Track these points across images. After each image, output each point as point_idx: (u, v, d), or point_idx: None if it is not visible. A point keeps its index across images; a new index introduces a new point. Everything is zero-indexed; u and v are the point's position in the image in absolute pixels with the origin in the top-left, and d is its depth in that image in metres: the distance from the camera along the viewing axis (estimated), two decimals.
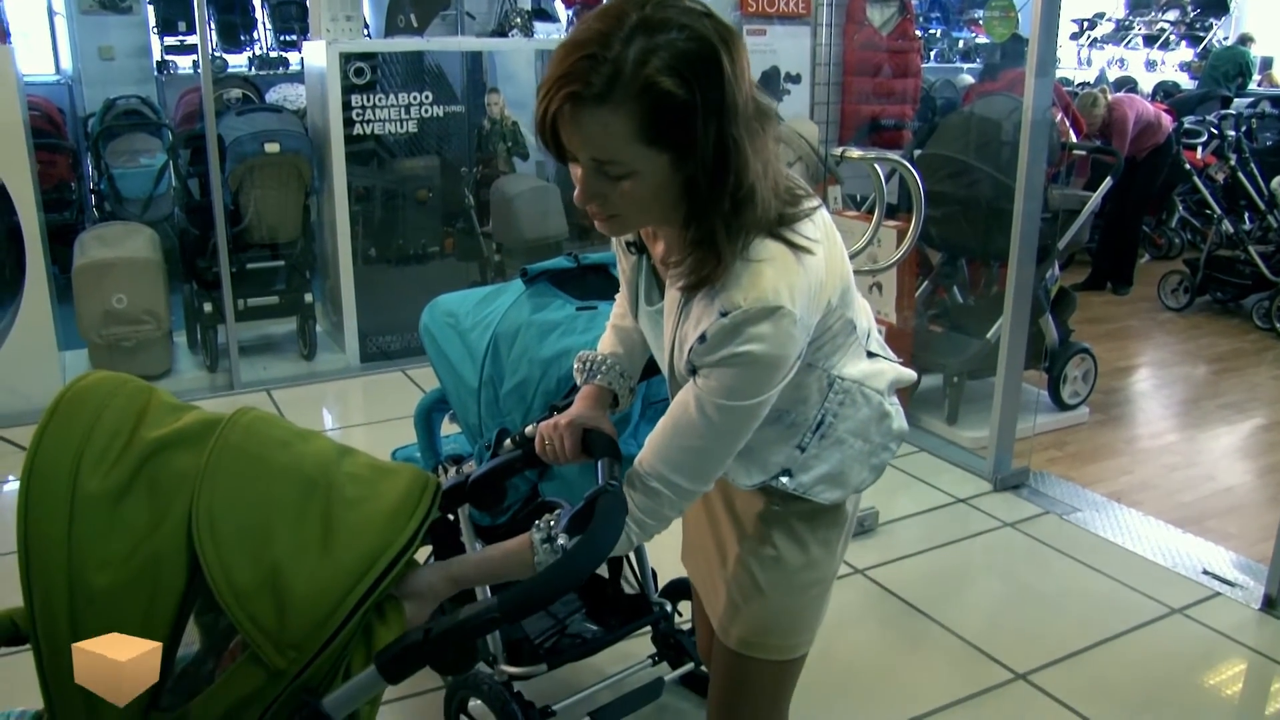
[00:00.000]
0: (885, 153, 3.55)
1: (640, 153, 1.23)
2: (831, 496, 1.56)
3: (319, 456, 1.33)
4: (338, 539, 1.25)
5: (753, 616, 1.62)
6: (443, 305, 2.33)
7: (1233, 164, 6.51)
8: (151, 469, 1.25)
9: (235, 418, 1.31)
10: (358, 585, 1.24)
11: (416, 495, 1.34)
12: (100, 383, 1.32)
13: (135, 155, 6.33)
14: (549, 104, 1.22)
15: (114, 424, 1.27)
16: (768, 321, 1.28)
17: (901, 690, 2.71)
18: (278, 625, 1.21)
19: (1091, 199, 4.59)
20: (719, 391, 1.33)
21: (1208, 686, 2.79)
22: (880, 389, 1.54)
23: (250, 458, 1.28)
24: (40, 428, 1.25)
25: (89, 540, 1.21)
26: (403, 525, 1.29)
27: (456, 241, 5.63)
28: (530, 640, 2.33)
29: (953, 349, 4.50)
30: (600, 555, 1.29)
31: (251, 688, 1.22)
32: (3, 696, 1.53)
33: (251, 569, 1.21)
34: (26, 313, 4.43)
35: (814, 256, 1.33)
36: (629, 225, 1.37)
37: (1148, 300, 6.61)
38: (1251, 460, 4.36)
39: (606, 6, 1.23)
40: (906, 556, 3.40)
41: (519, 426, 1.92)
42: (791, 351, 1.33)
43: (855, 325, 1.49)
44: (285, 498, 1.27)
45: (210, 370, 5.05)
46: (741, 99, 1.23)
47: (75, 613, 1.19)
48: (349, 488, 1.30)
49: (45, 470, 1.23)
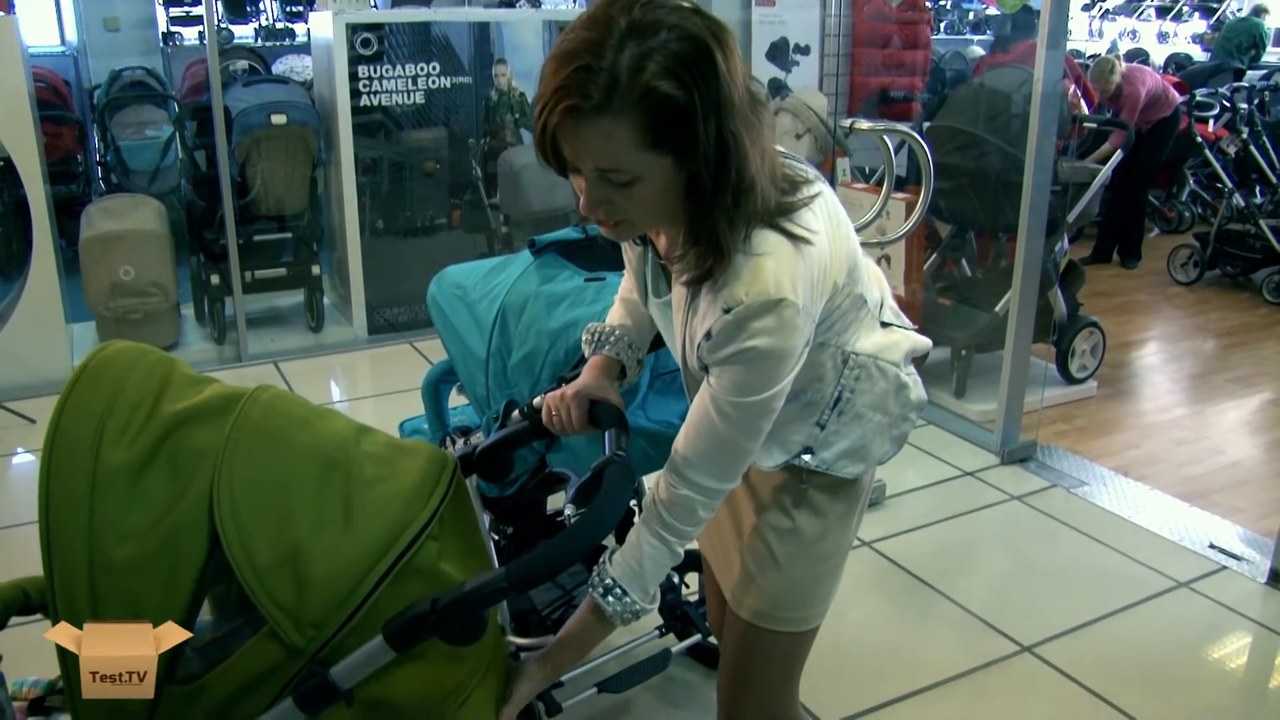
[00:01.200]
0: (894, 125, 3.53)
1: (644, 158, 1.23)
2: (854, 470, 1.57)
3: (338, 435, 1.33)
4: (358, 518, 1.25)
5: (768, 588, 1.62)
6: (450, 277, 2.32)
7: (1245, 137, 6.46)
8: (173, 443, 1.25)
9: (255, 395, 1.32)
10: (378, 564, 1.24)
11: (435, 474, 1.35)
12: (121, 353, 1.32)
13: (141, 127, 6.33)
14: (548, 118, 1.21)
15: (136, 396, 1.28)
16: (771, 315, 1.28)
17: (908, 662, 2.72)
18: (297, 604, 1.21)
19: (1101, 172, 4.57)
20: (731, 389, 1.33)
21: (1213, 660, 2.79)
22: (895, 360, 1.53)
23: (271, 435, 1.28)
24: (63, 398, 1.26)
25: (110, 512, 1.21)
26: (422, 505, 1.30)
27: (464, 213, 5.62)
28: (538, 611, 2.33)
29: (961, 322, 4.49)
30: (608, 525, 1.29)
31: (268, 664, 1.23)
32: (16, 665, 1.54)
33: (272, 548, 1.21)
34: (33, 285, 4.44)
35: (814, 246, 1.32)
36: (636, 229, 1.37)
37: (1157, 274, 6.58)
38: (1259, 434, 4.35)
39: (592, 12, 1.21)
40: (913, 529, 3.41)
41: (527, 398, 1.92)
42: (798, 342, 1.33)
43: (865, 299, 1.48)
44: (305, 477, 1.27)
45: (218, 342, 5.06)
46: (737, 93, 1.23)
47: (95, 584, 1.20)
48: (368, 467, 1.31)
49: (68, 440, 1.23)
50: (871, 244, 3.59)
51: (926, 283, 4.57)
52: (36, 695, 1.59)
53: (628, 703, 2.53)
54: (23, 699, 1.59)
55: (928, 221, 4.56)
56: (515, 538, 2.40)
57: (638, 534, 1.43)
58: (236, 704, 1.23)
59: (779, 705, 1.72)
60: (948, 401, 4.35)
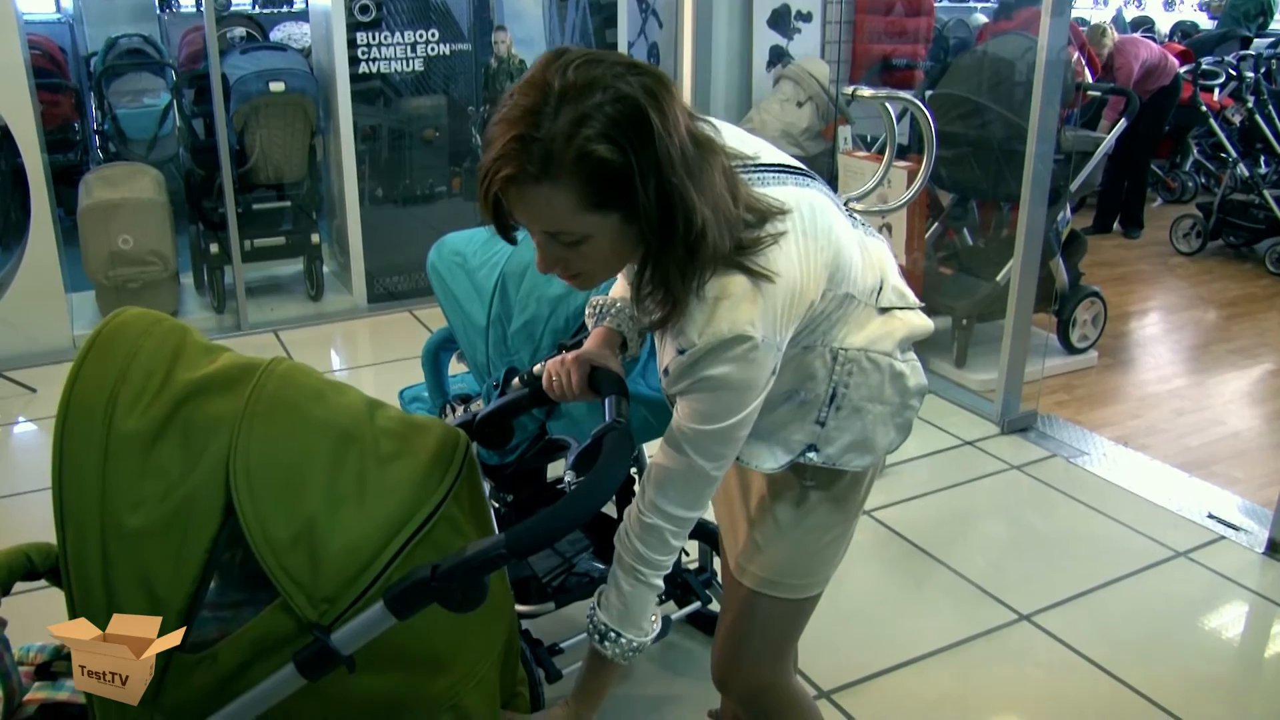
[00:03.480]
0: (896, 92, 3.50)
1: (588, 219, 1.23)
2: (862, 463, 1.57)
3: (352, 410, 1.34)
4: (373, 495, 1.26)
5: (773, 558, 1.63)
6: (450, 244, 2.32)
7: (1250, 106, 6.41)
8: (186, 412, 1.25)
9: (271, 366, 1.32)
10: (392, 541, 1.25)
11: (449, 453, 1.36)
12: (135, 320, 1.32)
13: (139, 95, 6.27)
14: (489, 187, 1.22)
15: (149, 364, 1.27)
16: (727, 353, 1.29)
17: (907, 630, 2.74)
18: (311, 579, 1.22)
19: (1105, 141, 4.54)
20: (691, 417, 1.35)
21: (1210, 629, 2.81)
22: (888, 350, 1.52)
23: (287, 408, 1.28)
24: (76, 365, 1.25)
25: (123, 480, 1.21)
26: (436, 483, 1.31)
27: (464, 181, 5.59)
28: (538, 579, 2.34)
29: (962, 291, 4.48)
30: (608, 491, 1.29)
31: (280, 635, 1.23)
32: (21, 631, 1.54)
33: (288, 522, 1.22)
34: (32, 255, 4.42)
35: (775, 285, 1.31)
36: (596, 279, 1.37)
37: (1159, 244, 6.56)
38: (1260, 405, 4.35)
39: (530, 76, 1.22)
40: (913, 498, 3.42)
41: (527, 365, 1.92)
42: (758, 374, 1.33)
43: (853, 296, 1.47)
44: (321, 451, 1.27)
45: (217, 311, 5.05)
46: (675, 148, 1.21)
47: (107, 551, 1.20)
48: (383, 443, 1.31)
49: (81, 407, 1.23)
50: (872, 212, 3.57)
51: (928, 252, 4.55)
52: (43, 660, 1.60)
53: (627, 669, 2.54)
54: (29, 664, 1.60)
55: (929, 190, 4.54)
56: (515, 505, 2.41)
57: (615, 576, 1.46)
58: (246, 673, 1.24)
59: (771, 672, 1.73)
60: (948, 371, 4.35)
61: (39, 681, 1.57)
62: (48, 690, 1.55)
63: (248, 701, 1.26)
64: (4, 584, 1.49)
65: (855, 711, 2.43)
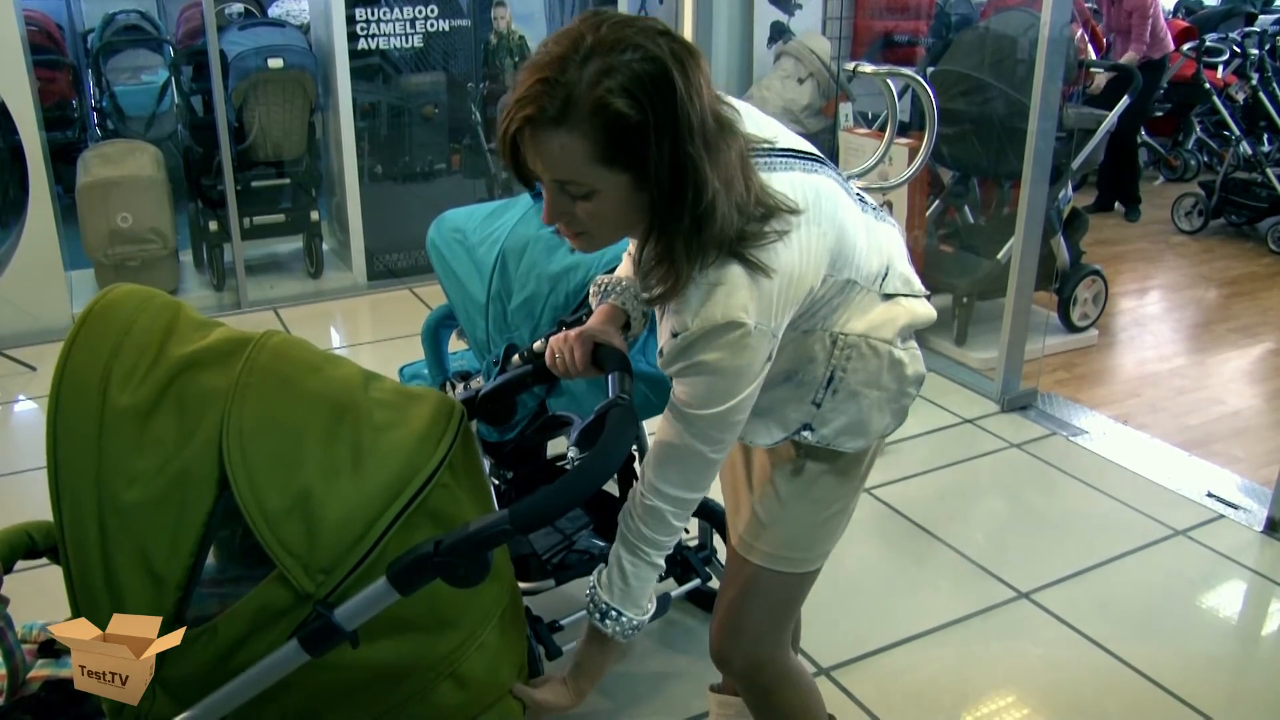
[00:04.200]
0: (898, 69, 3.48)
1: (599, 173, 1.24)
2: (856, 445, 1.58)
3: (346, 381, 1.34)
4: (367, 464, 1.26)
5: (774, 534, 1.64)
6: (450, 220, 2.31)
7: (1254, 83, 6.37)
8: (180, 386, 1.25)
9: (263, 339, 1.31)
10: (387, 510, 1.25)
11: (444, 421, 1.36)
12: (128, 296, 1.32)
13: (137, 72, 6.24)
14: (508, 126, 1.24)
15: (142, 339, 1.27)
16: (720, 338, 1.30)
17: (906, 608, 2.74)
18: (307, 549, 1.22)
19: (1107, 118, 4.52)
20: (688, 401, 1.36)
21: (1208, 607, 2.82)
22: (888, 338, 1.52)
23: (280, 380, 1.28)
24: (69, 341, 1.25)
25: (118, 454, 1.22)
26: (431, 451, 1.31)
27: (463, 158, 5.57)
28: (538, 556, 2.35)
29: (963, 269, 4.47)
30: (611, 468, 1.29)
31: (277, 608, 1.23)
32: (24, 609, 1.55)
33: (282, 493, 1.22)
34: (31, 232, 4.41)
35: (771, 281, 1.32)
36: (598, 242, 1.37)
37: (1161, 223, 6.54)
38: (1260, 384, 4.35)
39: (566, 29, 1.24)
40: (913, 476, 3.42)
41: (527, 342, 1.91)
42: (752, 360, 1.34)
43: (855, 281, 1.47)
44: (315, 422, 1.27)
45: (217, 289, 5.04)
46: (696, 116, 1.23)
47: (104, 526, 1.20)
48: (377, 413, 1.31)
49: (75, 384, 1.23)
50: (874, 188, 3.56)
51: (929, 229, 4.54)
52: (45, 639, 1.61)
53: (626, 647, 2.55)
54: (32, 642, 1.60)
55: (930, 167, 4.53)
56: (515, 482, 2.41)
57: (618, 554, 1.47)
58: (244, 646, 1.24)
59: (770, 647, 1.74)
60: (948, 349, 4.35)
61: (42, 659, 1.57)
62: (51, 667, 1.56)
63: (252, 676, 1.26)
64: (6, 562, 1.49)
65: (854, 688, 2.44)
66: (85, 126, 6.62)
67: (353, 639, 1.25)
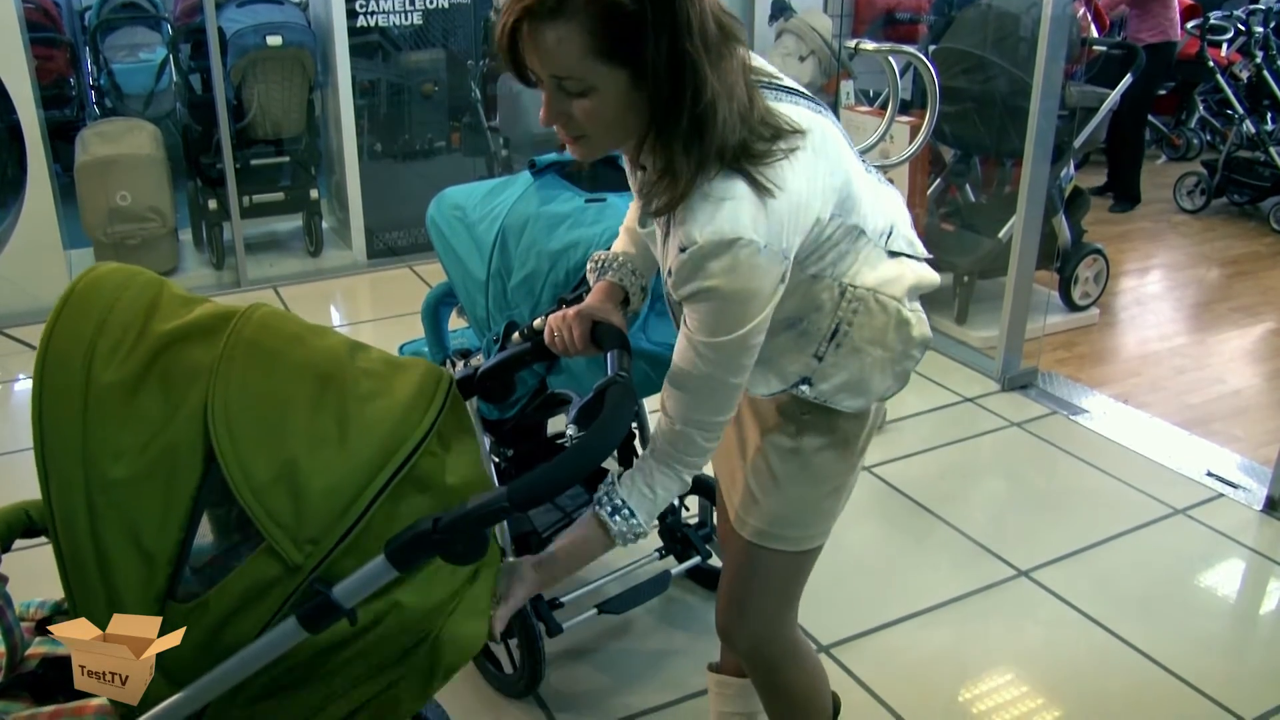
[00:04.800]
0: (900, 46, 3.47)
1: (596, 68, 1.24)
2: (854, 405, 1.56)
3: (332, 352, 1.32)
4: (353, 433, 1.25)
5: (769, 509, 1.63)
6: (450, 198, 2.30)
7: (1259, 61, 6.34)
8: (165, 361, 1.25)
9: (248, 312, 1.30)
10: (375, 479, 1.24)
11: (431, 389, 1.33)
12: (111, 274, 1.31)
13: (135, 50, 6.20)
14: (507, 20, 1.24)
15: (126, 316, 1.27)
16: (727, 255, 1.28)
17: (906, 585, 2.75)
18: (294, 520, 1.21)
19: (1110, 96, 4.50)
20: (700, 329, 1.34)
21: (1207, 586, 2.82)
22: (898, 295, 1.50)
23: (265, 352, 1.27)
24: (52, 319, 1.25)
25: (104, 431, 1.21)
26: (418, 419, 1.29)
27: (463, 136, 5.56)
28: (538, 533, 2.35)
29: (964, 248, 4.46)
30: (610, 446, 1.29)
31: (266, 580, 1.23)
32: (22, 587, 1.55)
33: (268, 464, 1.21)
34: (30, 211, 4.40)
35: (777, 200, 1.30)
36: (596, 147, 1.36)
37: (1163, 202, 6.51)
38: (1261, 364, 4.34)
39: None
40: (913, 454, 3.42)
41: (527, 319, 1.91)
42: (763, 282, 1.31)
43: (863, 230, 1.45)
44: (300, 393, 1.26)
45: (216, 268, 5.03)
46: (696, 15, 1.22)
47: (92, 503, 1.20)
48: (363, 382, 1.30)
49: (59, 362, 1.23)
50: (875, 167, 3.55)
51: (930, 208, 4.53)
52: (43, 616, 1.61)
53: (628, 624, 2.56)
54: (30, 619, 1.61)
55: (932, 146, 4.51)
56: (515, 460, 2.41)
57: (648, 461, 1.44)
58: (235, 620, 1.24)
59: (776, 625, 1.74)
60: (949, 327, 4.34)
61: (40, 637, 1.58)
62: (49, 644, 1.56)
63: (251, 654, 1.26)
64: (4, 540, 1.49)
65: (854, 666, 2.45)
66: (83, 105, 6.59)
67: (351, 616, 1.25)
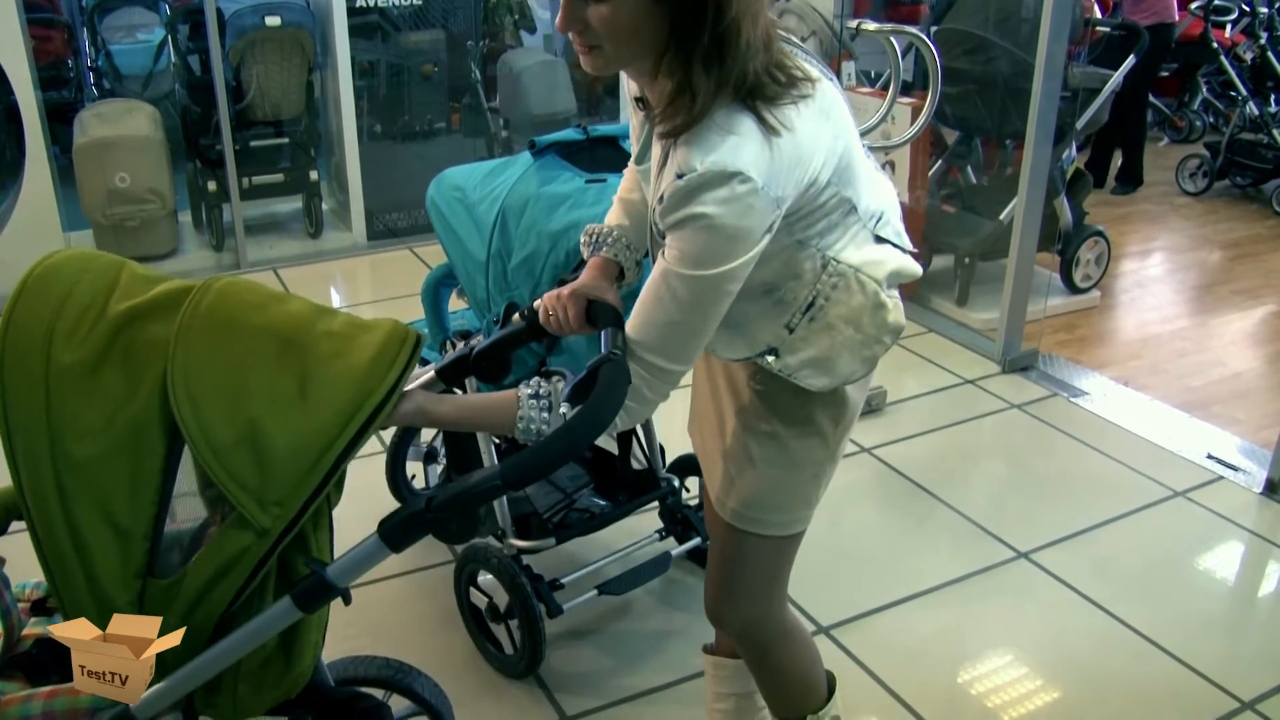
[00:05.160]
0: (902, 27, 3.44)
1: None
2: (818, 383, 1.53)
3: (294, 316, 1.31)
4: (315, 393, 1.24)
5: (745, 488, 1.62)
6: (450, 179, 2.29)
7: (1263, 43, 6.30)
8: (125, 339, 1.25)
9: (208, 283, 1.30)
10: (339, 439, 1.23)
11: (395, 347, 1.30)
12: (70, 260, 1.32)
13: (133, 31, 6.18)
14: None
15: (85, 298, 1.27)
16: (724, 187, 1.26)
17: (906, 567, 2.75)
18: (259, 481, 1.21)
19: (1113, 78, 4.47)
20: (679, 259, 1.31)
21: (1206, 568, 2.82)
22: (878, 278, 1.49)
23: (223, 320, 1.26)
24: (9, 306, 1.26)
25: (67, 412, 1.22)
26: (381, 376, 1.27)
27: (463, 117, 5.54)
28: (539, 514, 2.35)
29: (965, 229, 4.44)
30: (602, 424, 1.28)
31: (239, 548, 1.23)
32: (18, 568, 1.55)
33: (228, 426, 1.21)
34: (29, 193, 4.38)
35: (783, 140, 1.29)
36: (610, 60, 1.33)
37: (1165, 184, 6.49)
38: (1262, 346, 4.34)
39: None
40: (913, 436, 3.42)
41: (527, 300, 1.90)
42: (752, 223, 1.29)
43: (854, 206, 1.45)
44: (260, 356, 1.25)
45: (216, 250, 5.02)
46: None
47: (61, 484, 1.21)
48: (324, 343, 1.28)
49: (18, 348, 1.23)
50: (876, 148, 3.53)
51: (931, 189, 4.51)
52: (39, 597, 1.61)
53: (627, 605, 2.57)
54: (25, 600, 1.61)
55: (933, 127, 4.49)
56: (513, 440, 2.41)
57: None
58: (210, 590, 1.25)
59: (765, 608, 1.74)
60: (950, 309, 4.33)
61: (35, 617, 1.58)
62: (44, 625, 1.57)
63: (245, 634, 1.27)
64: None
65: (853, 647, 2.45)
66: (81, 86, 6.56)
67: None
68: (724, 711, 1.98)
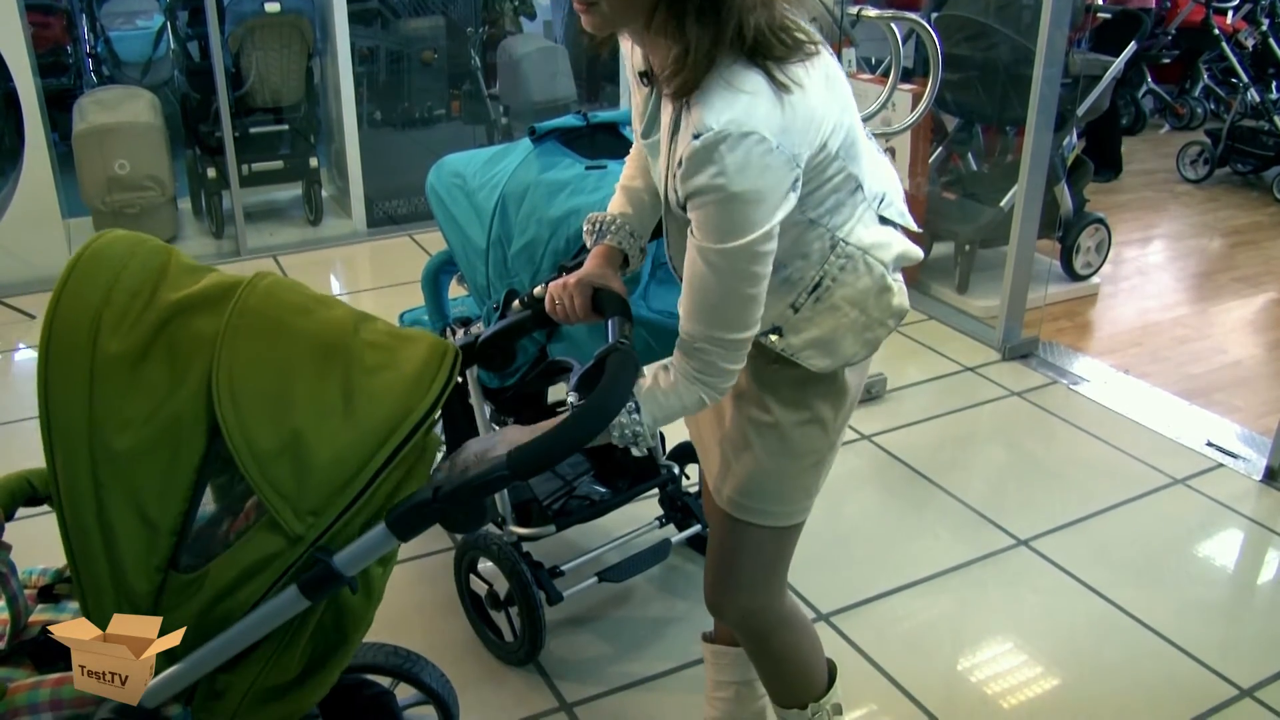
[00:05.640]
0: (903, 13, 3.44)
1: None
2: (820, 364, 1.53)
3: (337, 323, 1.31)
4: (359, 406, 1.24)
5: (743, 476, 1.62)
6: (449, 165, 2.29)
7: (1264, 29, 6.28)
8: (171, 331, 1.24)
9: (254, 281, 1.30)
10: (379, 452, 1.24)
11: (436, 362, 1.32)
12: (117, 241, 1.30)
13: (132, 17, 6.16)
14: None
15: (133, 284, 1.26)
16: (740, 147, 1.25)
17: (905, 554, 2.76)
18: (296, 490, 1.21)
19: (1114, 64, 4.46)
20: (709, 235, 1.31)
21: (1205, 555, 2.83)
22: (885, 261, 1.50)
23: (270, 321, 1.27)
24: (58, 289, 1.24)
25: (109, 401, 1.21)
26: (424, 393, 1.28)
27: (463, 104, 5.53)
28: (539, 502, 2.36)
29: (965, 216, 4.44)
30: (610, 412, 1.28)
31: (269, 551, 1.23)
32: (24, 554, 1.55)
33: (272, 434, 1.21)
34: (28, 180, 4.37)
35: (794, 96, 1.29)
36: (608, 18, 1.32)
37: (1166, 171, 6.48)
38: (1262, 334, 4.34)
39: None
40: (914, 423, 3.42)
41: (527, 287, 1.90)
42: (771, 182, 1.28)
43: (860, 184, 1.45)
44: (305, 364, 1.26)
45: (216, 236, 5.02)
46: None
47: (97, 473, 1.20)
48: (368, 355, 1.29)
49: (65, 331, 1.22)
50: (877, 134, 3.53)
51: (931, 176, 4.51)
52: (45, 583, 1.62)
53: (628, 592, 2.57)
54: (32, 586, 1.61)
55: (934, 114, 4.48)
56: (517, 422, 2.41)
57: (671, 370, 1.41)
58: (236, 590, 1.25)
59: (764, 597, 1.74)
60: (950, 296, 4.33)
61: (42, 604, 1.58)
62: (50, 612, 1.57)
63: (251, 622, 1.27)
64: (7, 509, 1.49)
65: (853, 634, 2.46)
66: (81, 73, 6.55)
67: (352, 584, 1.26)
68: (724, 699, 1.98)
